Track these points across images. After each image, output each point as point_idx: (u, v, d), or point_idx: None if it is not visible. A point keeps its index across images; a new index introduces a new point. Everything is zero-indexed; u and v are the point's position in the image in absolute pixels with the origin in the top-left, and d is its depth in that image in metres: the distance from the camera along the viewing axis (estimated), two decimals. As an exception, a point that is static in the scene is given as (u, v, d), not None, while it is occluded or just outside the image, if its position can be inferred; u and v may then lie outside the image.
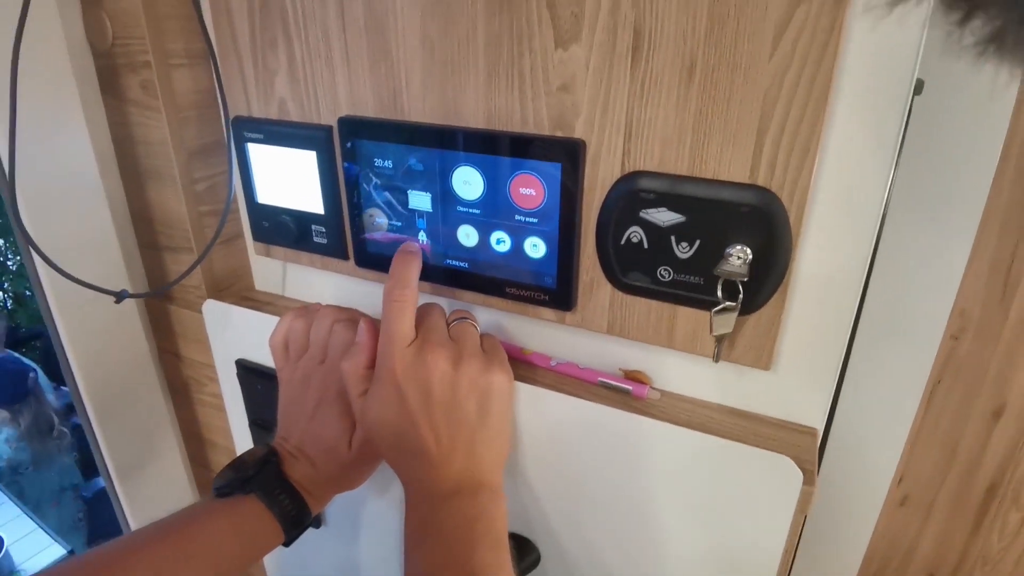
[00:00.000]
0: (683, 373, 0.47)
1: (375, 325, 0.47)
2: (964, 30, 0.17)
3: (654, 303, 0.43)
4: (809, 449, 0.43)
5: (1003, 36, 0.16)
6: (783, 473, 0.40)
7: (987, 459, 0.97)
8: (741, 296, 0.38)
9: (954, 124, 0.73)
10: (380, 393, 0.44)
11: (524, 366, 0.51)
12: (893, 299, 0.85)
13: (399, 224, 0.50)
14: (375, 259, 0.52)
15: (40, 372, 2.47)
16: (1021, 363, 0.86)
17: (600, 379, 0.48)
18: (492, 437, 0.44)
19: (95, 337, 0.58)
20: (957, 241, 0.80)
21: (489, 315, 0.52)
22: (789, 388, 0.44)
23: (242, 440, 0.65)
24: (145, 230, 0.61)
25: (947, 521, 1.05)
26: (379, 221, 0.50)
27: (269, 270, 0.63)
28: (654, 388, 0.47)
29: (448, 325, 0.47)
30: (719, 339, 0.40)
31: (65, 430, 2.43)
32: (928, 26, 0.33)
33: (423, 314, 0.47)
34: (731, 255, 0.38)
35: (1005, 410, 0.90)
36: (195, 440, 0.72)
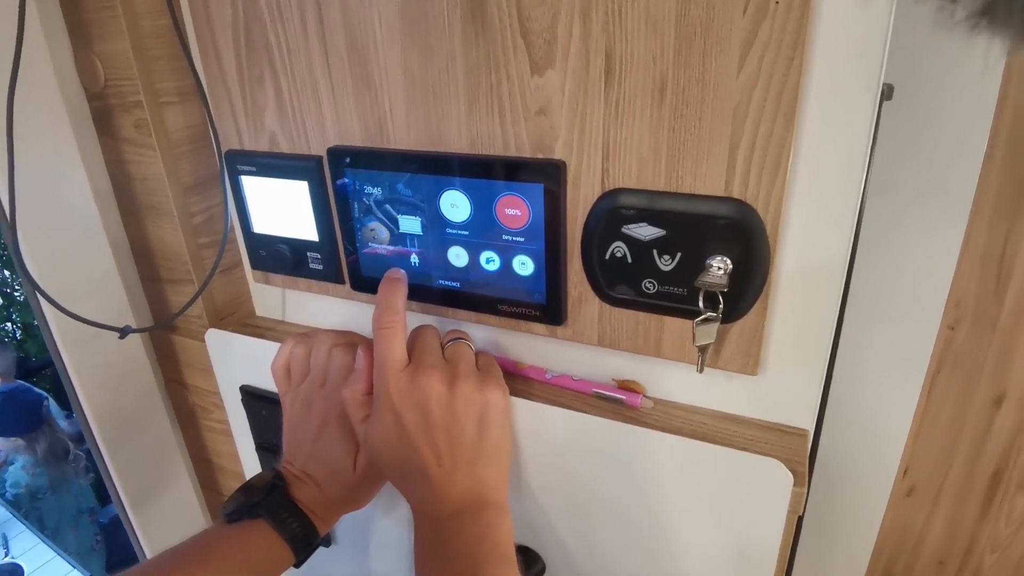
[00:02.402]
0: (675, 381, 0.48)
1: (372, 351, 0.48)
2: (956, 4, 0.18)
3: (641, 315, 0.44)
4: (799, 451, 0.44)
5: (994, 9, 0.17)
6: (774, 476, 0.41)
7: (990, 446, 0.98)
8: (722, 306, 0.39)
9: (939, 117, 0.74)
10: (380, 419, 0.45)
11: (520, 380, 0.52)
12: (890, 292, 0.86)
13: (391, 248, 0.51)
14: (369, 282, 0.54)
15: (51, 400, 2.50)
16: (1018, 350, 0.87)
17: (595, 390, 0.49)
18: (493, 454, 0.45)
19: (102, 371, 0.60)
20: (949, 231, 0.81)
21: (483, 332, 0.53)
22: (777, 392, 0.45)
23: (250, 464, 0.67)
24: (147, 264, 0.62)
25: (954, 509, 1.05)
26: (373, 245, 0.52)
27: (269, 296, 0.65)
28: (647, 397, 0.48)
29: (443, 346, 0.48)
30: (702, 349, 0.41)
31: (80, 454, 2.46)
32: (895, 16, 0.34)
33: (416, 337, 0.48)
34: (711, 266, 0.39)
35: (1005, 397, 0.91)
36: (204, 465, 0.73)
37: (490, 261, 0.48)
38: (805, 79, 0.36)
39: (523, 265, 0.46)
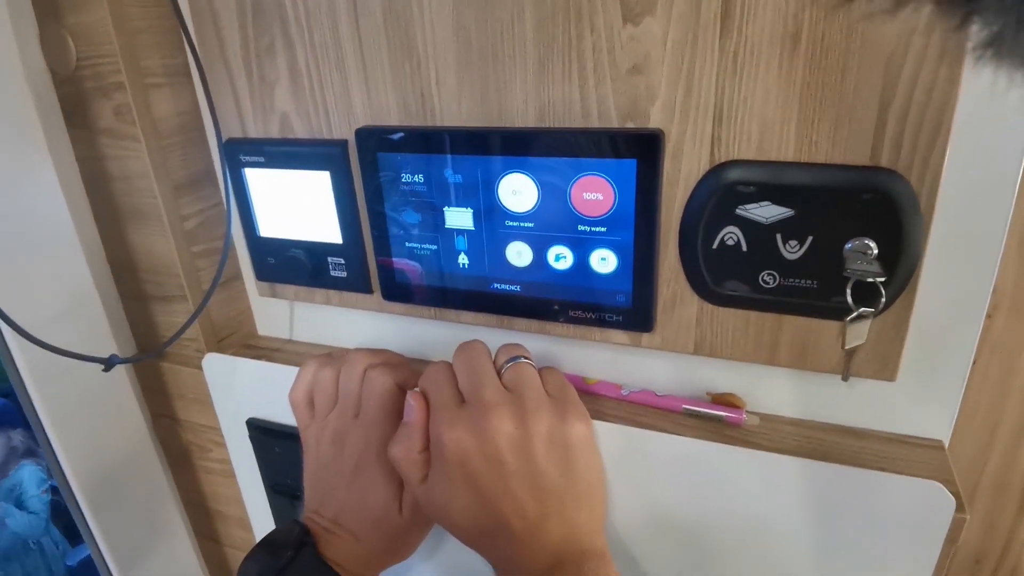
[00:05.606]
0: (781, 392, 0.41)
1: (425, 400, 0.40)
2: (961, 34, 0.17)
3: (753, 314, 0.37)
4: (945, 467, 0.37)
5: (1000, 40, 0.16)
6: (932, 501, 0.34)
7: (1028, 439, 0.93)
8: (883, 299, 0.32)
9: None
10: (442, 476, 0.37)
11: (589, 398, 0.44)
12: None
13: (435, 247, 0.43)
14: (405, 290, 0.45)
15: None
16: (1063, 338, 0.82)
17: (685, 406, 0.41)
18: (584, 495, 0.37)
19: (79, 409, 0.50)
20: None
21: (542, 343, 0.45)
22: (911, 398, 0.38)
23: (257, 509, 0.57)
24: (128, 279, 0.53)
25: (991, 505, 1.00)
26: (411, 244, 0.43)
27: (273, 312, 0.56)
28: (751, 412, 0.41)
29: (499, 370, 0.40)
30: (850, 352, 0.34)
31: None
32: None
33: (463, 362, 0.40)
34: (857, 251, 0.32)
35: (1049, 388, 0.86)
36: (200, 512, 0.63)
37: (560, 258, 0.40)
38: (981, 14, 0.29)
39: (603, 261, 0.39)
